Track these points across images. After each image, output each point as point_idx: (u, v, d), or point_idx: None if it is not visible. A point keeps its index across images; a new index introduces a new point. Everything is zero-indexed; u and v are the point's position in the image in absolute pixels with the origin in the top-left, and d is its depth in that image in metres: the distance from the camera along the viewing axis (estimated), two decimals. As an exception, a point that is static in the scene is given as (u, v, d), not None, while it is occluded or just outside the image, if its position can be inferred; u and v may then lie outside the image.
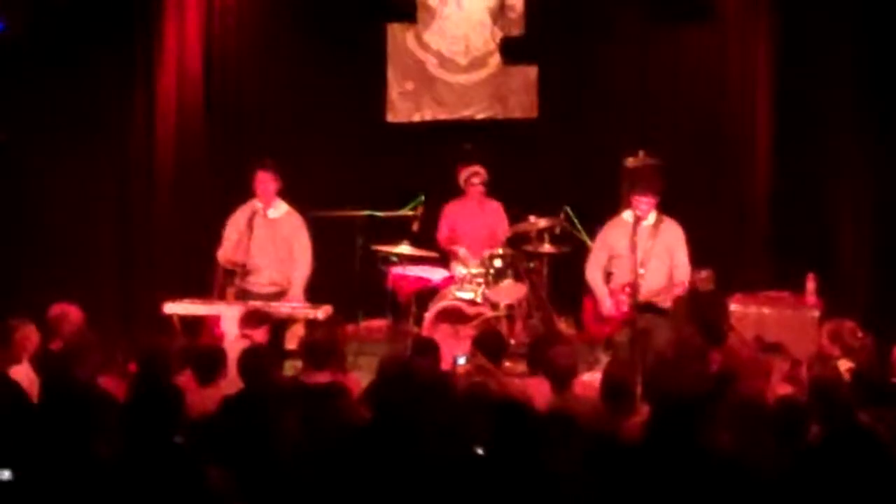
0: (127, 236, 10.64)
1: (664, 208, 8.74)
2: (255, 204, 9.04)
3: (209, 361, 6.53)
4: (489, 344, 7.03)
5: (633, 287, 8.24)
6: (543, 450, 4.88)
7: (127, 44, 10.49)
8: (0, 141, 9.76)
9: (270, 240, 8.99)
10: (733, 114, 10.62)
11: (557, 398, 6.23)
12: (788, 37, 10.32)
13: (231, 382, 6.46)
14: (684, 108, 10.84)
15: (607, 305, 8.50)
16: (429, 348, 6.88)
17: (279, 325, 8.53)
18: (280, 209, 9.07)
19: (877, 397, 5.91)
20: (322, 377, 6.51)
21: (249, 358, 6.35)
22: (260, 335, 7.59)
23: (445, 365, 7.07)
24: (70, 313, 7.53)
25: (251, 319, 7.72)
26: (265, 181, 8.98)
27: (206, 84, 10.81)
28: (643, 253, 8.38)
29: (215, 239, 9.29)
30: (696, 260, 10.01)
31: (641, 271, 8.31)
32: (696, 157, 10.66)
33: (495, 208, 10.11)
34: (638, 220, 8.38)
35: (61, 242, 10.34)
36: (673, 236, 8.56)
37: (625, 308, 8.38)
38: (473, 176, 9.99)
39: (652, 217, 8.53)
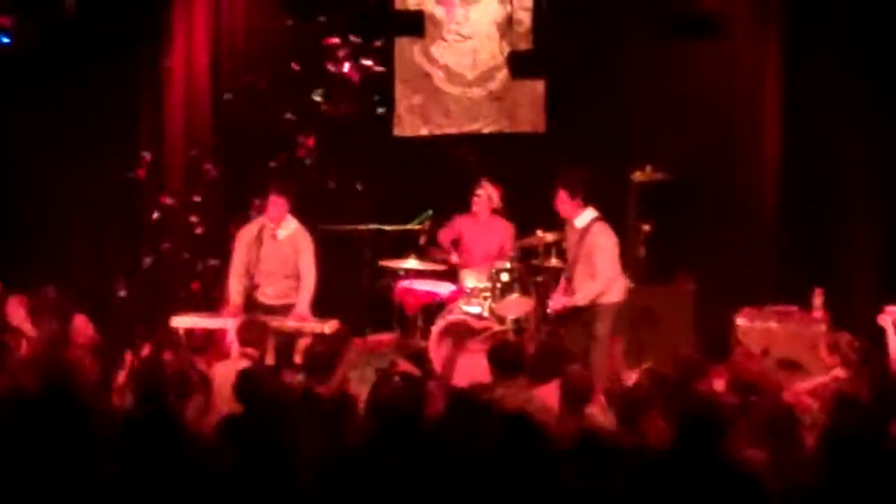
0: (135, 249, 10.66)
1: (669, 222, 8.81)
2: (265, 220, 9.10)
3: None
4: (504, 357, 6.98)
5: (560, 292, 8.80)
6: (563, 470, 4.87)
7: (135, 57, 10.53)
8: None
9: (277, 258, 9.06)
10: (742, 129, 10.62)
11: (572, 419, 6.18)
12: (798, 52, 10.32)
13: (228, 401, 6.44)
14: (692, 122, 10.82)
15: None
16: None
17: (288, 339, 8.58)
18: (289, 227, 9.14)
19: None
20: (324, 390, 6.52)
21: (245, 380, 6.32)
22: (256, 352, 7.55)
23: (456, 380, 7.05)
24: (80, 323, 7.59)
25: (248, 334, 7.68)
26: (277, 204, 9.04)
27: (214, 97, 10.83)
28: (572, 257, 8.73)
29: (225, 252, 9.34)
30: (704, 272, 10.05)
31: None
32: (704, 171, 10.65)
33: (504, 227, 10.06)
34: (569, 220, 8.73)
35: (69, 256, 10.36)
36: (596, 241, 8.66)
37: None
38: (478, 188, 9.98)
39: (584, 220, 8.67)
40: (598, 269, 8.63)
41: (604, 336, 8.70)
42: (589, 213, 8.76)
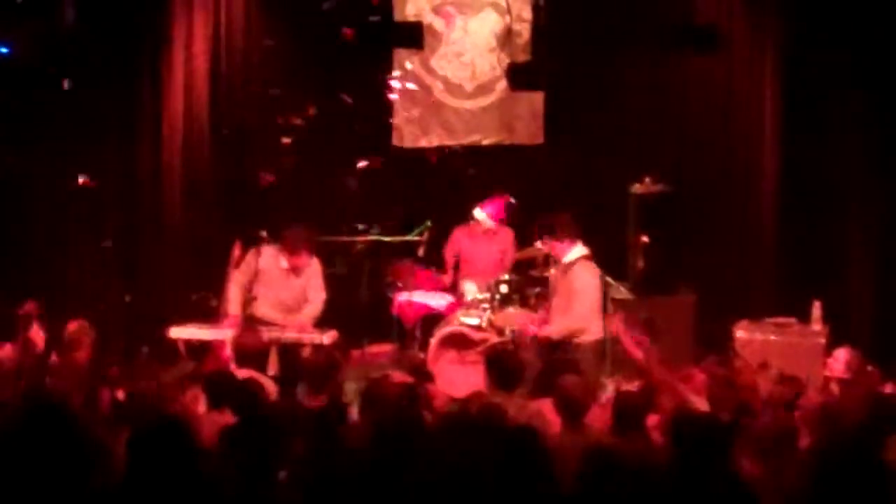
0: (133, 260, 10.66)
1: (668, 233, 8.77)
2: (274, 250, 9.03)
3: (220, 387, 6.46)
4: (503, 368, 6.95)
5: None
6: (560, 480, 4.85)
7: (135, 67, 10.53)
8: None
9: (283, 279, 8.99)
10: (740, 140, 10.64)
11: (570, 430, 6.15)
12: (795, 65, 10.34)
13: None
14: (691, 135, 10.85)
15: None
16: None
17: (291, 350, 8.58)
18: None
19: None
20: (321, 401, 6.51)
21: (240, 391, 6.30)
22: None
23: (452, 391, 7.03)
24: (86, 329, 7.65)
25: (244, 343, 7.67)
26: (304, 256, 8.97)
27: (213, 108, 10.83)
28: (552, 289, 8.87)
29: (222, 264, 9.32)
30: (703, 284, 10.04)
31: None
32: (702, 183, 10.66)
33: (504, 235, 10.08)
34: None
35: (67, 265, 10.36)
36: (575, 280, 8.56)
37: None
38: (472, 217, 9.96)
39: (571, 256, 8.62)
40: (574, 307, 8.51)
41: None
42: (577, 251, 8.63)
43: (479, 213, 9.97)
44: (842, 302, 9.95)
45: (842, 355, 7.61)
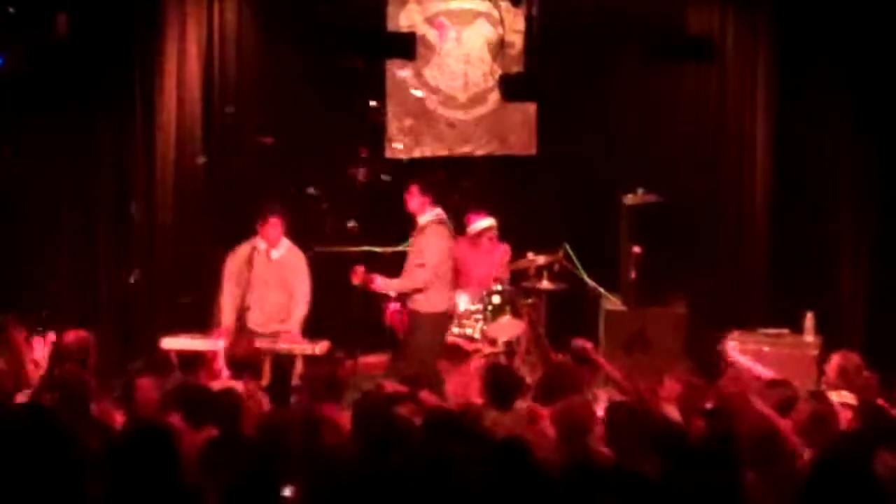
0: (126, 269, 10.64)
1: (661, 245, 8.78)
2: (257, 242, 9.08)
3: (199, 404, 6.39)
4: (500, 383, 6.92)
5: None
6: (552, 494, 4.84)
7: (127, 77, 10.51)
8: None
9: (271, 279, 9.06)
10: (732, 152, 10.64)
11: (569, 451, 6.06)
12: (787, 76, 10.36)
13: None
14: (683, 146, 10.85)
15: None
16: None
17: (285, 361, 8.58)
18: (282, 248, 9.14)
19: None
20: (327, 410, 6.51)
21: (218, 404, 6.27)
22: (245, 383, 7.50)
23: (445, 402, 7.02)
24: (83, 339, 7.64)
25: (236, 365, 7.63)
26: (277, 226, 9.04)
27: (206, 119, 10.82)
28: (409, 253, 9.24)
29: (215, 273, 9.32)
30: (696, 295, 10.05)
31: None
32: (695, 194, 10.66)
33: (503, 251, 10.02)
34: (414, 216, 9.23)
35: (60, 276, 10.35)
36: (427, 240, 9.02)
37: None
38: (488, 230, 9.89)
39: (426, 218, 9.14)
40: (425, 265, 8.93)
41: (418, 346, 8.90)
42: (432, 214, 9.12)
43: (482, 223, 9.91)
44: (834, 313, 9.96)
45: (834, 360, 7.61)
